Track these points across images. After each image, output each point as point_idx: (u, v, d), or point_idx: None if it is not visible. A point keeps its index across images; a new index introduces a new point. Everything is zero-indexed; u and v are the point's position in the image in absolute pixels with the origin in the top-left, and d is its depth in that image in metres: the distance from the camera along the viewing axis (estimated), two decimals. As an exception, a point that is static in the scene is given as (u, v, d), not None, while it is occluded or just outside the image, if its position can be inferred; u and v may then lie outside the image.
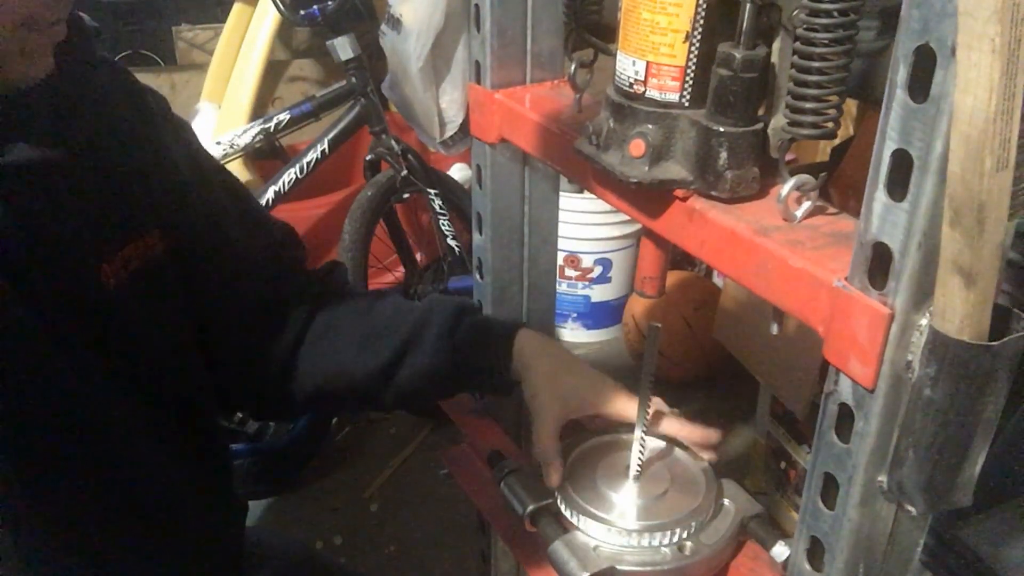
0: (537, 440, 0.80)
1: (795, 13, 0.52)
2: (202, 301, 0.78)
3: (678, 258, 2.35)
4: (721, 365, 2.07)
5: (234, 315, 0.82)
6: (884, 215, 0.44)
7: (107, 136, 0.68)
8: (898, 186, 0.43)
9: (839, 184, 1.56)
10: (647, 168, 0.59)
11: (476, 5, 0.78)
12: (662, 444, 0.85)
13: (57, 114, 0.62)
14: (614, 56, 0.62)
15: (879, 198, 0.44)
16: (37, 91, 0.59)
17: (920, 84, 0.41)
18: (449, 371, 0.86)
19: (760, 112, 0.58)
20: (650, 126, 0.59)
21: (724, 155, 0.57)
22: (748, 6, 0.54)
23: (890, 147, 0.43)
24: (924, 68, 0.40)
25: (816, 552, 0.54)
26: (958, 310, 0.42)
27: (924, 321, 0.45)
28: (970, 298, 0.42)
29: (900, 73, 0.41)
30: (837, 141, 1.46)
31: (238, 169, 2.23)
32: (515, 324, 0.86)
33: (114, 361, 0.67)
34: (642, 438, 0.79)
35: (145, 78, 0.78)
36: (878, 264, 0.46)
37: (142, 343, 0.70)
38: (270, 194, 2.11)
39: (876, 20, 0.83)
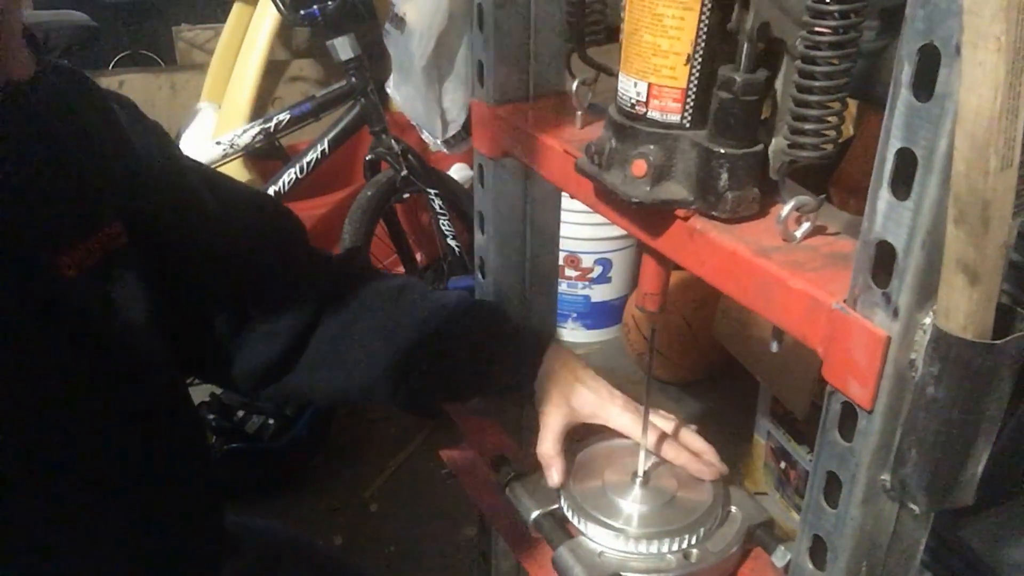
0: (541, 441, 0.82)
1: (797, 42, 0.52)
2: (179, 287, 0.79)
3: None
4: (721, 365, 2.07)
5: (224, 300, 0.83)
6: (888, 214, 0.44)
7: (64, 135, 0.70)
8: (902, 185, 0.43)
9: (839, 184, 1.56)
10: (648, 188, 0.59)
11: (479, 4, 0.79)
12: None
13: (9, 117, 0.64)
14: (616, 75, 0.62)
15: (883, 197, 0.44)
16: None
17: (924, 83, 0.41)
18: (470, 377, 0.88)
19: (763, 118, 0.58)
20: (652, 146, 0.60)
21: (725, 176, 0.57)
22: (748, 29, 0.54)
23: (894, 146, 0.43)
24: (928, 67, 0.40)
25: (818, 551, 0.54)
26: (962, 308, 0.42)
27: (928, 320, 0.45)
28: (974, 296, 0.42)
29: (904, 72, 0.41)
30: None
31: (238, 169, 2.23)
32: (544, 339, 0.88)
33: (69, 345, 0.69)
34: (648, 443, 0.79)
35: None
36: (882, 263, 0.46)
37: (100, 327, 0.72)
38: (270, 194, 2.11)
39: (876, 20, 0.83)
